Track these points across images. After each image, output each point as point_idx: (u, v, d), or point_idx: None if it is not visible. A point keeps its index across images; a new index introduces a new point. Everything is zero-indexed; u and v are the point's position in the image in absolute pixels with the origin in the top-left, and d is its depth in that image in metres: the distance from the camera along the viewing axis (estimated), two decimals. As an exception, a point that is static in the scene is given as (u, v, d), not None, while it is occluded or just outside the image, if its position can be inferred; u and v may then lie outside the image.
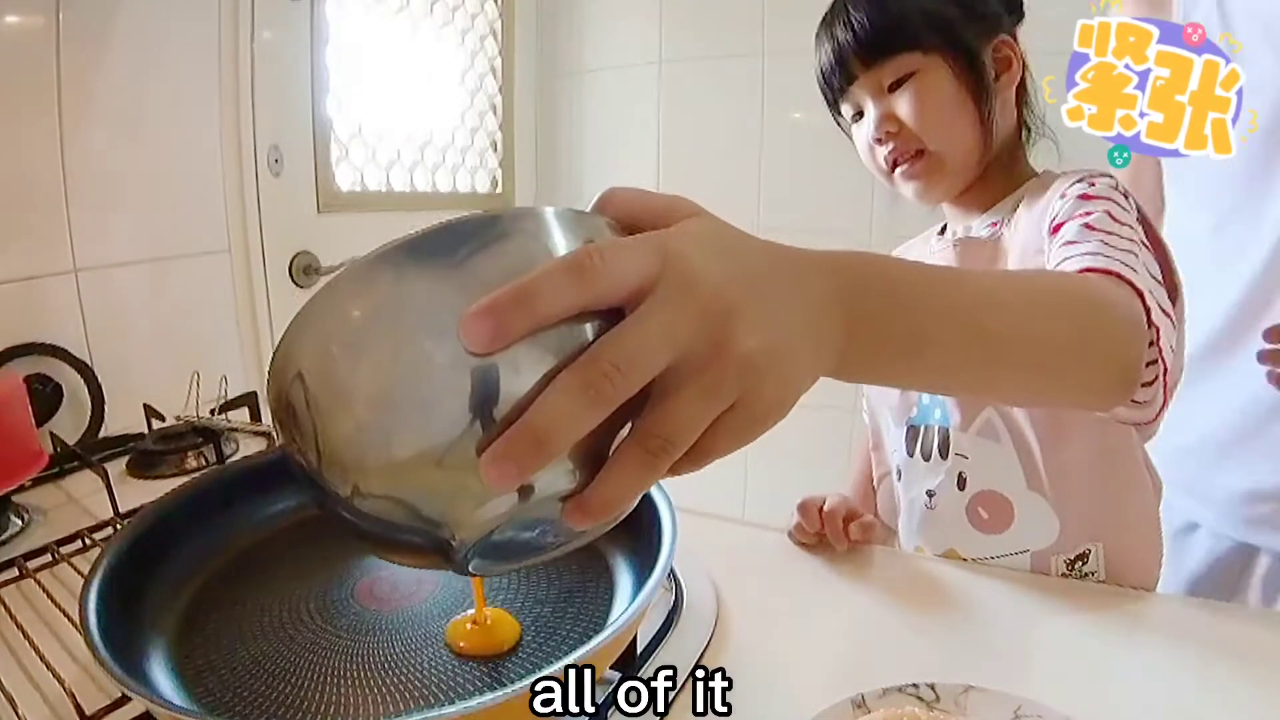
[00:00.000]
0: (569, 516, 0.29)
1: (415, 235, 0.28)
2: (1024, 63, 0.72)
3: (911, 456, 0.74)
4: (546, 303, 0.26)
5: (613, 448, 0.29)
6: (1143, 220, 0.60)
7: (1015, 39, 0.71)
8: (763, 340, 0.29)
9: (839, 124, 0.77)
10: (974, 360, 0.40)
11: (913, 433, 0.74)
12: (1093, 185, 0.62)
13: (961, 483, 0.70)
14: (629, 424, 0.29)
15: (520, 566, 0.35)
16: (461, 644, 0.50)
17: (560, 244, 0.29)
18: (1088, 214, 0.59)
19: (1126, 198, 0.62)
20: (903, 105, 0.69)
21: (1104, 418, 0.55)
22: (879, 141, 0.71)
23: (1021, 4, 0.73)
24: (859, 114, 0.73)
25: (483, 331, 0.26)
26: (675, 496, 0.54)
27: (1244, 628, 0.58)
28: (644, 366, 0.27)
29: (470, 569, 0.31)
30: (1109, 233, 0.56)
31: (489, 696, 0.37)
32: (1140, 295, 0.49)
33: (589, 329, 0.28)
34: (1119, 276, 0.50)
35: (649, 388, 0.27)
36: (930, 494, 0.72)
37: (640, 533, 0.55)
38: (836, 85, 0.72)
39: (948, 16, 0.68)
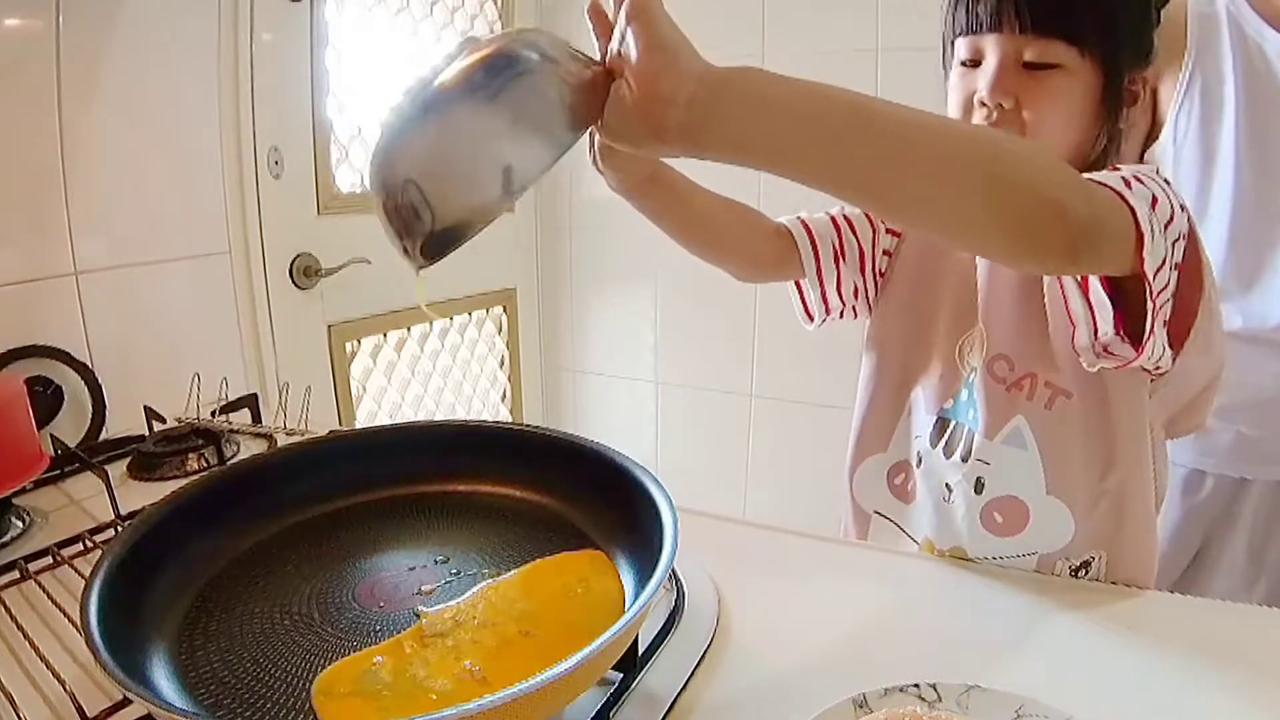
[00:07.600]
0: None
1: (453, 76, 0.42)
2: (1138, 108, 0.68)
3: (934, 448, 0.73)
4: None
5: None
6: (1190, 233, 0.57)
7: (1146, 81, 0.68)
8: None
9: (943, 58, 0.71)
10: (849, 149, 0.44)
11: (941, 425, 0.73)
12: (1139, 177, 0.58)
13: (979, 487, 0.69)
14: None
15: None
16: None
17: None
18: (1116, 170, 0.56)
19: (1183, 210, 0.58)
20: (1033, 92, 0.64)
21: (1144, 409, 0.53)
22: (982, 104, 0.65)
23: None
24: (971, 62, 0.67)
25: None
26: (676, 497, 0.54)
27: (1243, 627, 0.58)
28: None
29: None
30: (1133, 180, 0.53)
31: (490, 698, 0.37)
32: (1133, 211, 0.46)
33: None
34: (1110, 189, 0.48)
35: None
36: (949, 487, 0.72)
37: (641, 533, 0.55)
38: (970, 23, 0.65)
39: (1119, 31, 0.63)
